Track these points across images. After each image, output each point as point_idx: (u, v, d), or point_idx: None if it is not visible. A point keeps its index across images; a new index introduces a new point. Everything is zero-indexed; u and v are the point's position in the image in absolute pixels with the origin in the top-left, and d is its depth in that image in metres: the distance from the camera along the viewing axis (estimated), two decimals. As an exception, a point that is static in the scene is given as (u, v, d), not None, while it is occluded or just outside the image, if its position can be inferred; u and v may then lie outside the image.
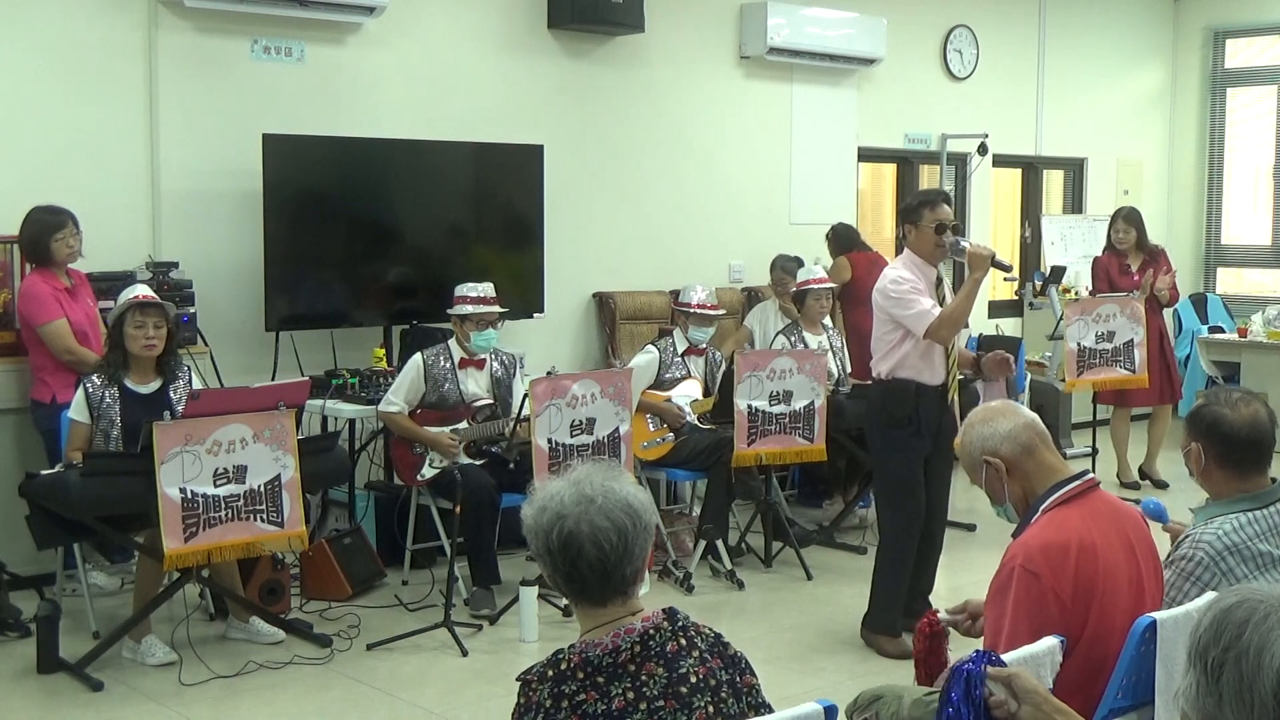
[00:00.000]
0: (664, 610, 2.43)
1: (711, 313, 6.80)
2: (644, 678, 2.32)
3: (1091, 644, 2.88)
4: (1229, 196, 11.65)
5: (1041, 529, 2.96)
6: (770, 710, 2.47)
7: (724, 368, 6.97)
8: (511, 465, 5.95)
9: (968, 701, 2.53)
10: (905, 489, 5.28)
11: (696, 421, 6.75)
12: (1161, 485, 8.37)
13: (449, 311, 6.16)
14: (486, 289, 6.13)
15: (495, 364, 6.22)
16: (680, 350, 6.84)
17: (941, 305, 5.18)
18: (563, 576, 2.41)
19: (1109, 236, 8.51)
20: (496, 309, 6.12)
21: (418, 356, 6.08)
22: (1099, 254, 8.67)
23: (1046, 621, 2.82)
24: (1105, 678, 2.87)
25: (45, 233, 5.76)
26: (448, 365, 6.08)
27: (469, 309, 6.06)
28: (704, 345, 6.88)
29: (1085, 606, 2.87)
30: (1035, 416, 3.18)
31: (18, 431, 6.03)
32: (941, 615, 3.26)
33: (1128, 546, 3.00)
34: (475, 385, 6.14)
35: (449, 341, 6.17)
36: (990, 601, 2.96)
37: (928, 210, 5.19)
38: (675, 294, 7.14)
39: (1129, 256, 8.37)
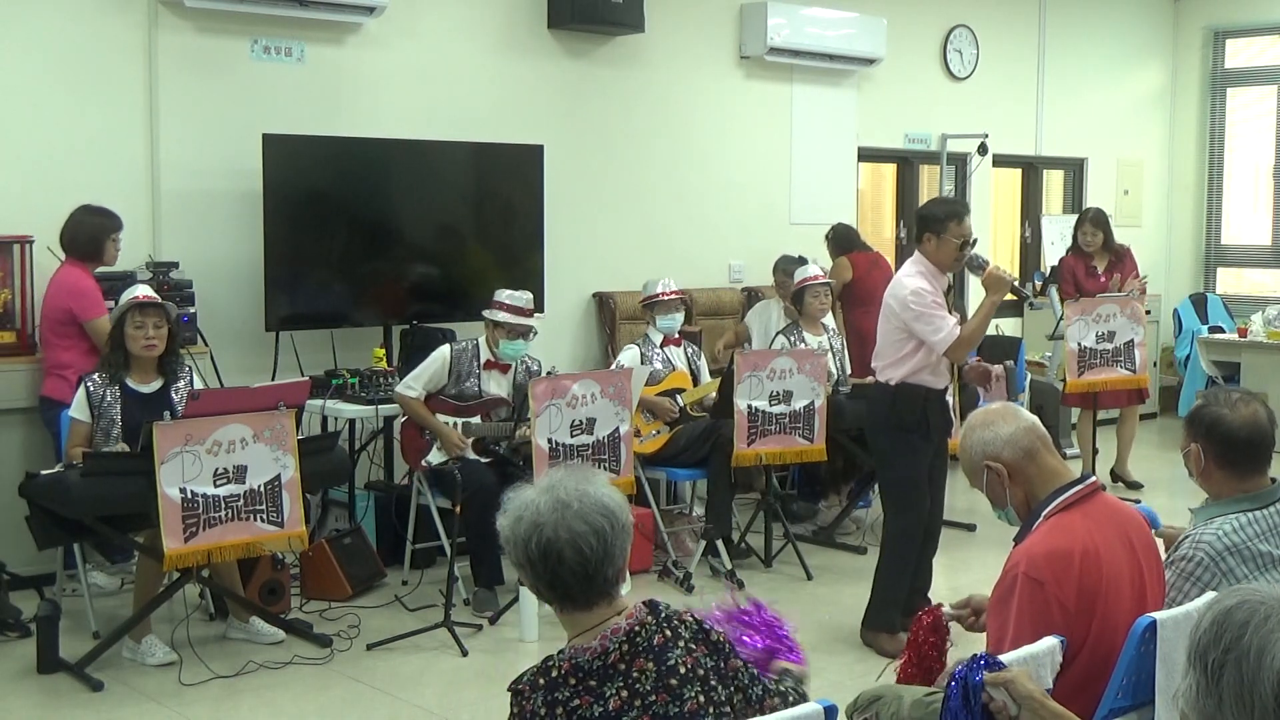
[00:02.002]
0: (645, 604, 2.42)
1: (672, 298, 6.82)
2: (635, 674, 2.33)
3: (1095, 648, 2.87)
4: (1229, 196, 11.64)
5: (1044, 535, 2.95)
6: (760, 684, 2.48)
7: (703, 358, 7.02)
8: (515, 465, 5.96)
9: (966, 707, 2.54)
10: (912, 491, 5.30)
11: (689, 410, 6.78)
12: (1135, 486, 8.33)
13: (484, 314, 6.14)
14: (525, 300, 6.11)
15: (520, 369, 6.22)
16: (657, 343, 6.86)
17: (948, 312, 5.21)
18: (545, 584, 2.41)
19: (1075, 238, 8.49)
20: (530, 322, 6.10)
21: (445, 348, 6.10)
22: (1064, 255, 8.66)
23: (1050, 629, 2.81)
24: (1108, 681, 2.87)
25: (104, 233, 5.81)
26: (474, 362, 6.09)
27: (503, 316, 6.05)
28: (677, 334, 6.90)
29: (1089, 612, 2.86)
30: (1035, 420, 3.15)
31: (19, 431, 6.02)
32: (946, 610, 3.25)
33: (1130, 550, 2.99)
34: (497, 387, 6.15)
35: (480, 339, 6.18)
36: (993, 609, 2.95)
37: (954, 223, 5.16)
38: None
39: (1095, 258, 8.36)
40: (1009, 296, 5.23)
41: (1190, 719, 1.80)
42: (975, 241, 5.25)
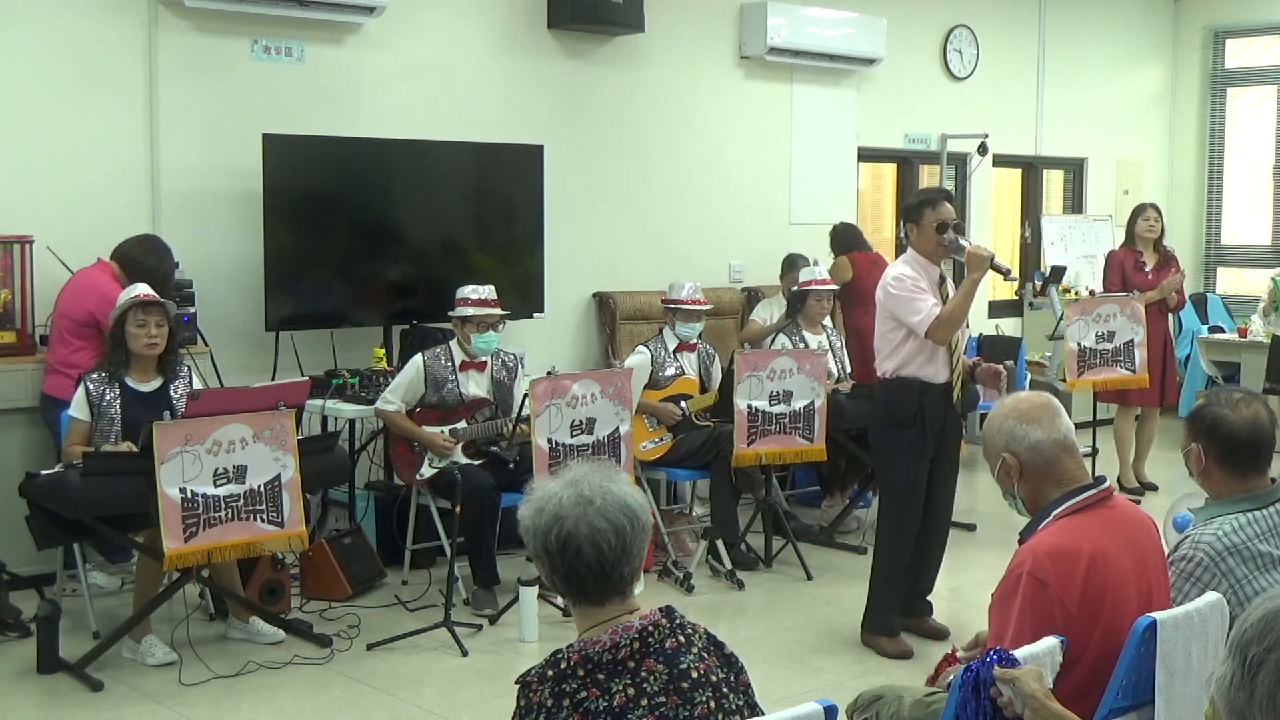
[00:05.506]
0: (661, 609, 2.44)
1: (698, 308, 6.82)
2: (644, 674, 2.33)
3: (1099, 654, 2.86)
4: (1229, 196, 11.65)
5: (1052, 535, 2.93)
6: (760, 710, 2.48)
7: (716, 362, 6.99)
8: (511, 465, 5.96)
9: (975, 698, 2.56)
10: (909, 490, 5.28)
11: (694, 418, 6.77)
12: (1151, 488, 8.34)
13: (450, 314, 6.17)
14: (488, 291, 6.13)
15: (497, 365, 6.22)
16: (671, 347, 6.85)
17: (944, 304, 5.18)
18: (561, 577, 2.42)
19: (1132, 228, 8.30)
20: (497, 311, 6.12)
21: (418, 357, 6.08)
22: (1114, 248, 8.58)
23: (1051, 630, 2.80)
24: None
25: (164, 278, 5.79)
26: (449, 366, 6.08)
27: (469, 311, 6.07)
28: (694, 340, 6.89)
29: (1093, 616, 2.85)
30: (1069, 429, 3.09)
31: (19, 431, 6.02)
32: (960, 654, 3.25)
33: (1138, 556, 2.98)
34: (476, 387, 6.14)
35: (450, 343, 6.17)
36: (995, 607, 2.94)
37: (929, 209, 5.19)
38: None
39: (1145, 255, 8.30)
40: (1002, 280, 5.19)
41: (1219, 706, 1.80)
42: (959, 226, 5.25)
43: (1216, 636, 2.98)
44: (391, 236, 7.03)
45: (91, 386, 5.25)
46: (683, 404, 6.77)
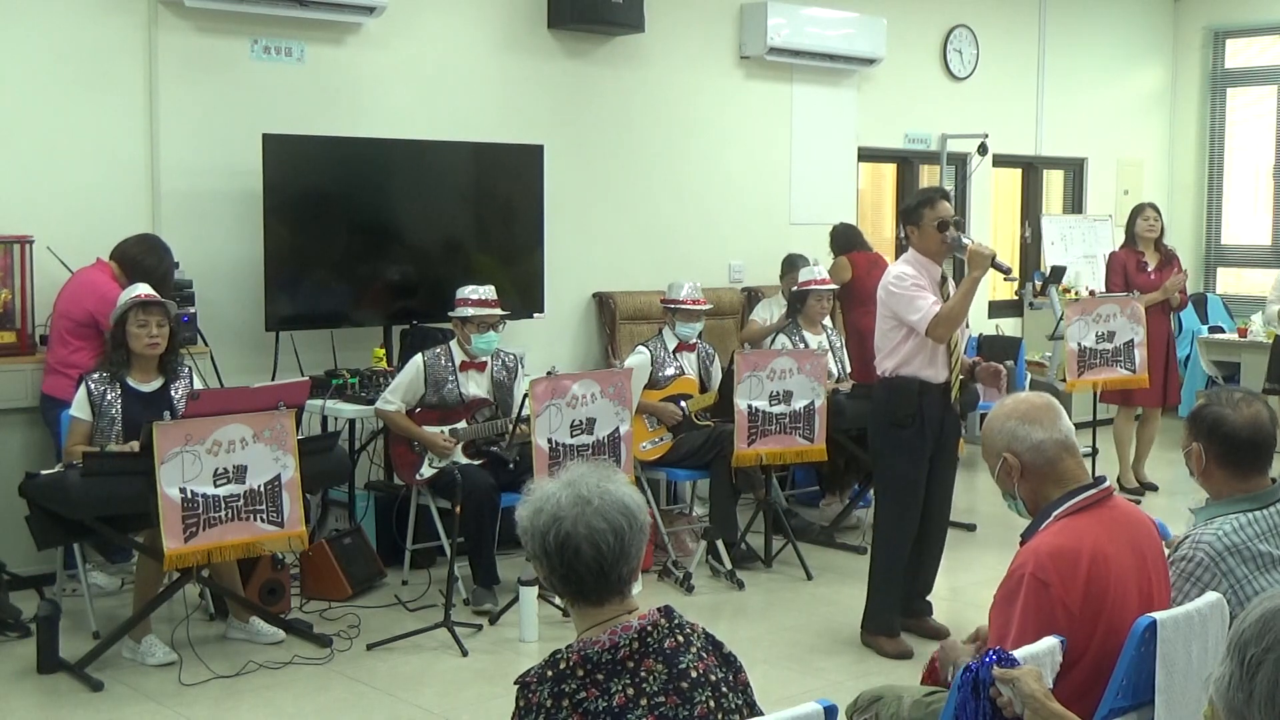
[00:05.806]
0: (660, 609, 2.44)
1: (698, 308, 6.82)
2: (643, 674, 2.33)
3: (1100, 654, 2.86)
4: (1229, 196, 11.65)
5: (1053, 536, 2.93)
6: (760, 710, 2.48)
7: (716, 362, 6.99)
8: (511, 465, 5.96)
9: (975, 699, 2.56)
10: (908, 490, 5.28)
11: (694, 418, 6.77)
12: (1151, 488, 8.34)
13: (450, 314, 6.17)
14: (488, 291, 6.13)
15: (497, 365, 6.22)
16: (671, 347, 6.85)
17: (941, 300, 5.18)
18: (559, 577, 2.42)
19: (1132, 228, 8.31)
20: (498, 311, 6.12)
21: (418, 357, 6.08)
22: (1115, 249, 8.60)
23: (1053, 631, 2.80)
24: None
25: (164, 276, 5.78)
26: (449, 366, 6.08)
27: (470, 311, 6.06)
28: (694, 340, 6.89)
29: (1094, 616, 2.85)
30: (1070, 430, 3.09)
31: (19, 431, 6.02)
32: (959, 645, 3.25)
33: (1139, 556, 2.97)
34: (476, 387, 6.14)
35: (450, 343, 6.17)
36: (996, 607, 2.94)
37: (927, 209, 5.20)
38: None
39: (1146, 255, 8.30)
40: (1002, 278, 5.19)
41: (1217, 707, 1.80)
42: (959, 223, 5.26)
43: (1216, 636, 2.98)
44: (391, 236, 7.03)
45: (93, 386, 5.25)
46: (683, 404, 6.77)
